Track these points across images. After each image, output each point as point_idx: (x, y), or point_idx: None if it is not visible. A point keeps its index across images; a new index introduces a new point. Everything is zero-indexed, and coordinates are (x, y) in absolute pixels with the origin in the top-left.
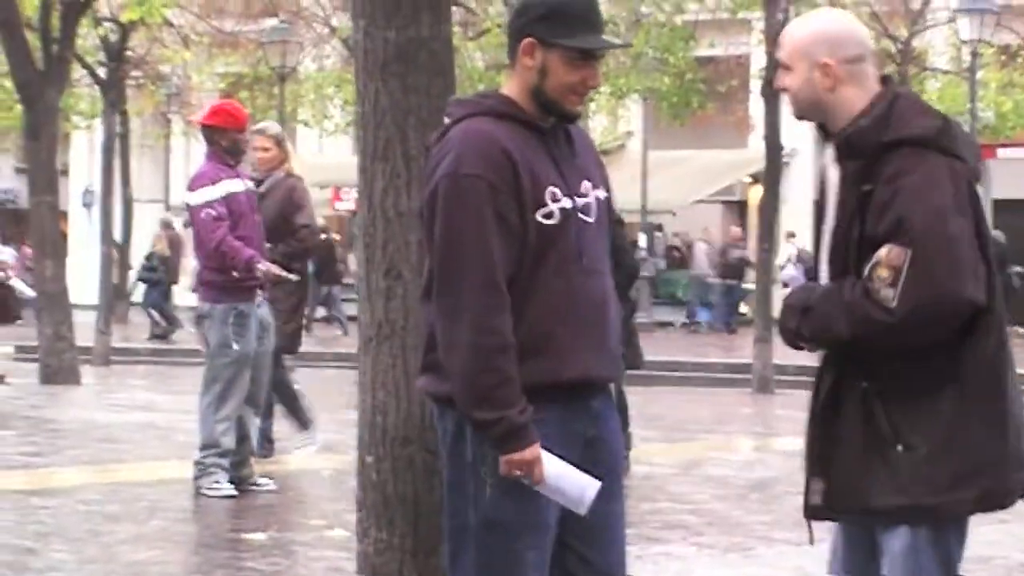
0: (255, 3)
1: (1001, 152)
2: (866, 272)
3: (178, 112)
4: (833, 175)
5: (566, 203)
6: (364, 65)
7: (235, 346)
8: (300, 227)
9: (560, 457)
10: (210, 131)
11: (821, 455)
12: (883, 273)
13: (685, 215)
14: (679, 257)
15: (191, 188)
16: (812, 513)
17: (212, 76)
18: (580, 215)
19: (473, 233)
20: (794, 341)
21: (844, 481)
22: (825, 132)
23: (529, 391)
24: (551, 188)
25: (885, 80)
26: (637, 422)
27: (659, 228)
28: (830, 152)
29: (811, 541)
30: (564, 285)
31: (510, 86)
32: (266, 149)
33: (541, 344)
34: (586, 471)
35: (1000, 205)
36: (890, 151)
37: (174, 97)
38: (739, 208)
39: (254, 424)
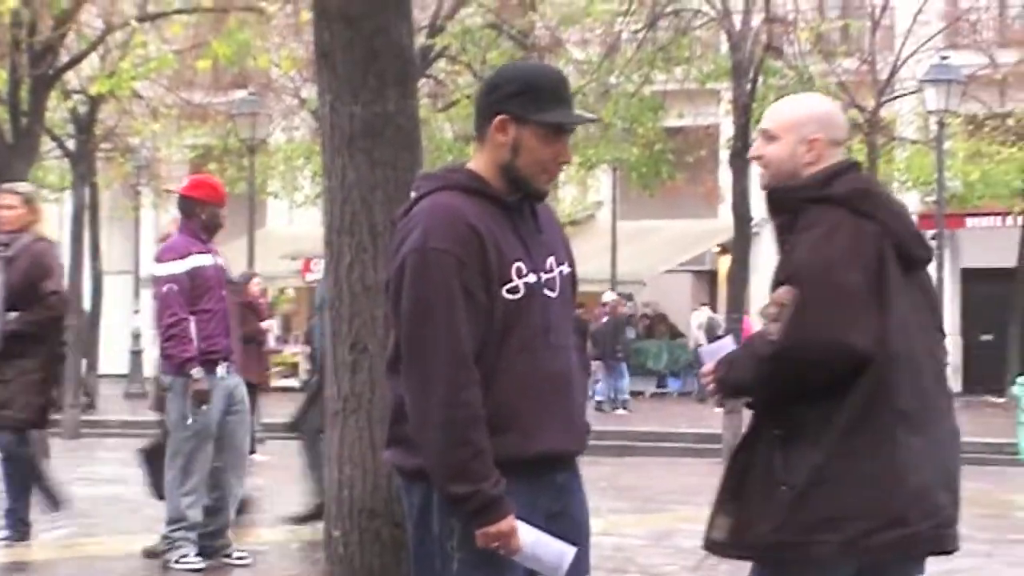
0: (224, 75)
1: (969, 221)
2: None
3: (148, 184)
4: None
5: (531, 278)
6: (330, 140)
7: (191, 419)
8: (49, 294)
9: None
10: (191, 203)
11: (732, 495)
12: (771, 310)
13: (655, 285)
14: (649, 326)
15: (159, 259)
16: (710, 546)
17: (181, 148)
18: (545, 290)
19: (441, 307)
20: (722, 391)
21: (743, 519)
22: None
23: (496, 466)
24: (517, 263)
25: (843, 161)
26: (608, 493)
27: (630, 298)
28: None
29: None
30: (529, 360)
31: (478, 161)
32: (11, 207)
33: (506, 419)
34: None
35: (968, 274)
36: (806, 207)
37: (143, 169)
38: (709, 278)
39: (234, 495)
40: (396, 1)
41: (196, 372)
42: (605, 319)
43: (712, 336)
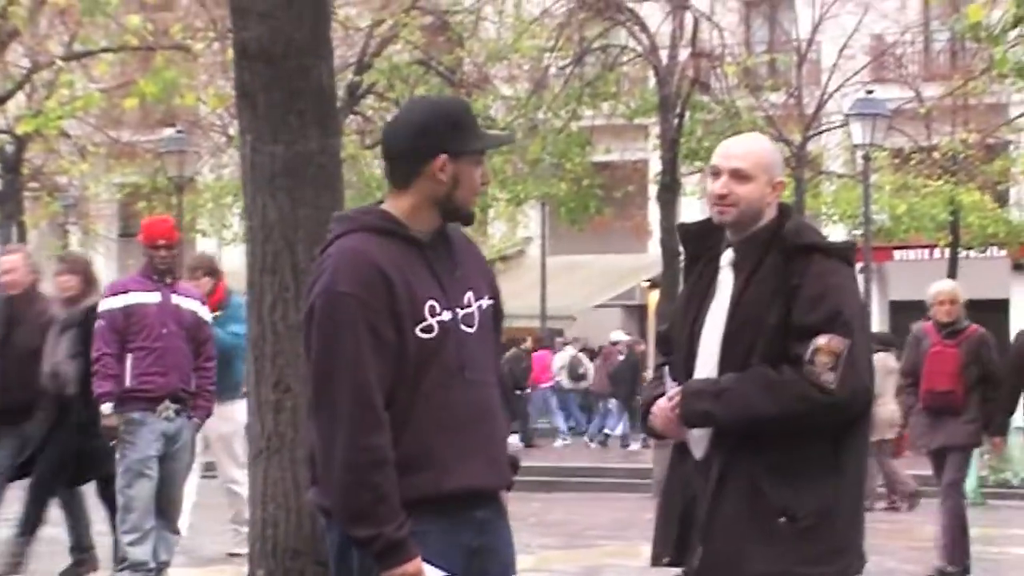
0: (152, 113)
1: (897, 254)
2: (807, 356)
3: (76, 223)
4: (727, 276)
5: (446, 316)
6: (252, 179)
7: (120, 454)
8: None
9: (444, 568)
10: (143, 245)
11: (695, 521)
12: (824, 359)
13: (585, 320)
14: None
15: (103, 295)
16: (654, 561)
17: (110, 187)
18: (462, 326)
19: (347, 351)
20: (704, 423)
21: (723, 550)
22: (705, 243)
23: (412, 504)
24: (430, 302)
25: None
26: (537, 529)
27: (560, 333)
28: (728, 255)
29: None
30: (446, 397)
31: (398, 201)
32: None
33: (423, 457)
34: None
35: (896, 306)
36: (802, 253)
37: (72, 208)
38: (639, 312)
39: (165, 540)
40: (317, 42)
41: (105, 408)
42: (622, 358)
43: (575, 375)
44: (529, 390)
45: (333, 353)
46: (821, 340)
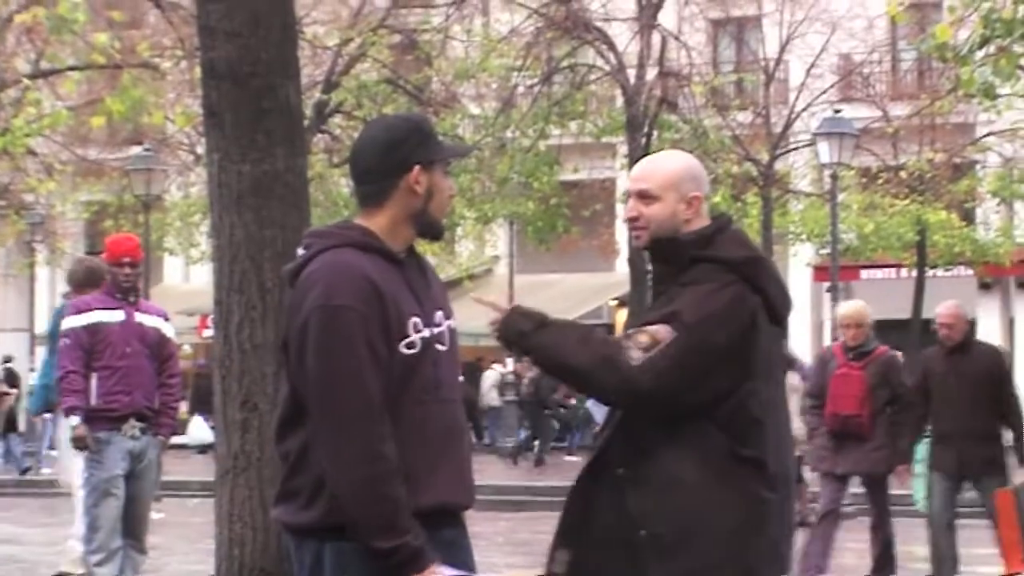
0: (119, 131)
1: (864, 273)
2: (630, 331)
3: (43, 241)
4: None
5: (426, 333)
6: (219, 198)
7: (87, 474)
8: None
9: (458, 569)
10: (108, 264)
11: (571, 529)
12: (643, 339)
13: None
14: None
15: (65, 315)
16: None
17: (77, 205)
18: (437, 344)
19: (351, 364)
20: (515, 344)
21: (589, 558)
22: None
23: None
24: (414, 319)
25: (719, 217)
26: (505, 548)
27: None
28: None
29: None
30: (421, 414)
31: (374, 218)
32: None
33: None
34: None
35: None
36: (695, 264)
37: (38, 226)
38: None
39: (132, 560)
40: (284, 61)
41: (73, 419)
42: None
43: (504, 392)
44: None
45: (336, 367)
46: (650, 326)
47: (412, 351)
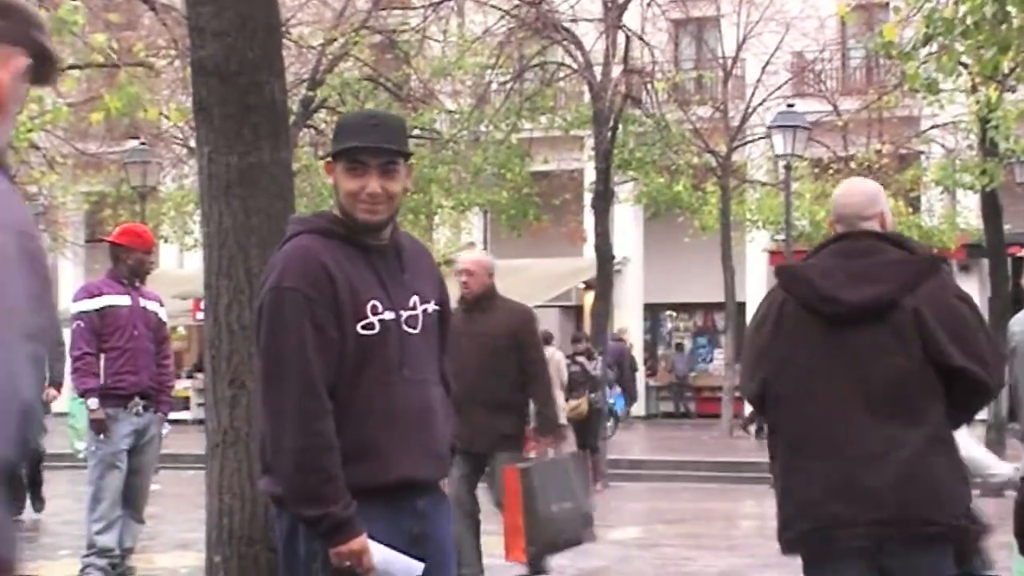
0: (117, 126)
1: None
2: None
3: (46, 230)
4: None
5: (388, 315)
6: (208, 188)
7: (94, 448)
8: None
9: (387, 545)
10: (116, 249)
11: None
12: None
13: None
14: None
15: (75, 299)
16: None
17: (77, 196)
18: (405, 327)
19: (292, 343)
20: None
21: None
22: None
23: (356, 492)
24: (373, 302)
25: None
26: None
27: None
28: None
29: None
30: (385, 393)
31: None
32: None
33: (363, 449)
34: None
35: None
36: None
37: (41, 216)
38: (575, 312)
39: (131, 528)
40: (269, 59)
41: (92, 403)
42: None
43: None
44: None
45: (279, 345)
46: None
47: (371, 332)
